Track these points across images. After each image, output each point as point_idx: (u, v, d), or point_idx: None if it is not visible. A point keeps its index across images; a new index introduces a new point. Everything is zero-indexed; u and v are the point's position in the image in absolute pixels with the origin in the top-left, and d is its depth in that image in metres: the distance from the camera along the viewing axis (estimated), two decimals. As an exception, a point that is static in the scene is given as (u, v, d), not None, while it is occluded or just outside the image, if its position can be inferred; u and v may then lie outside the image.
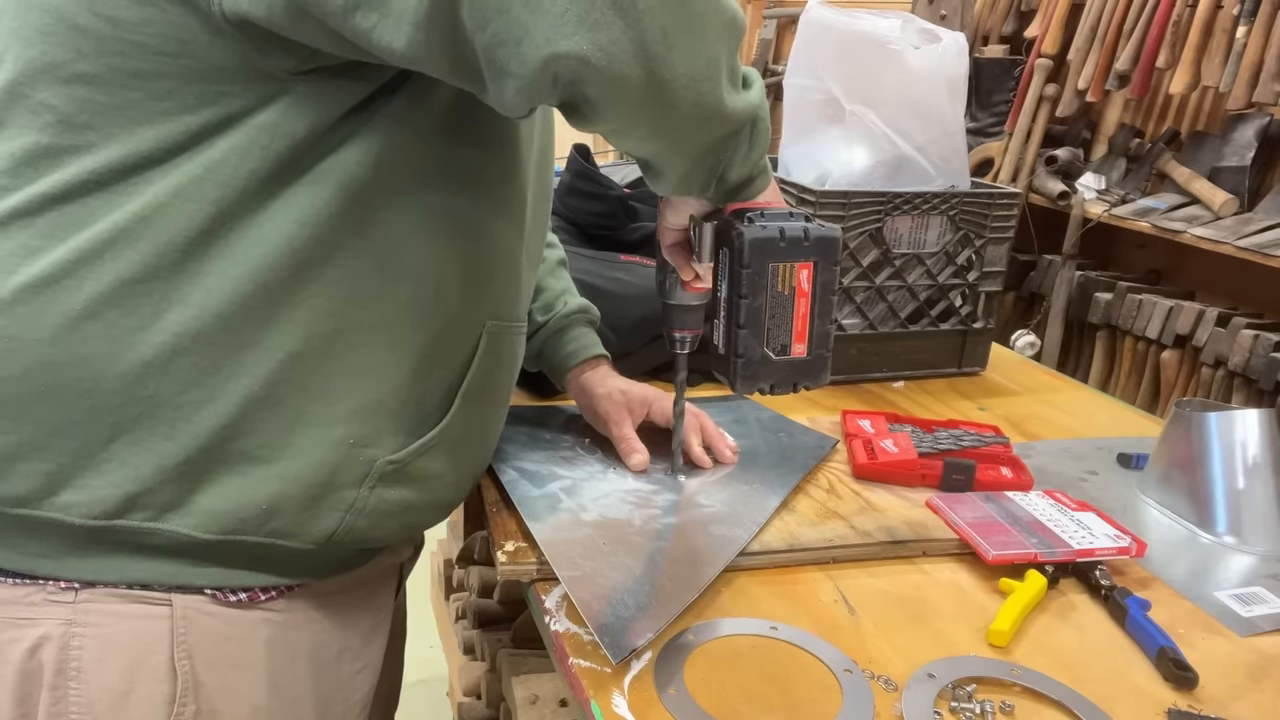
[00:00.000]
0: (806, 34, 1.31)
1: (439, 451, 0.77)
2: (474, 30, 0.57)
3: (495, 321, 0.80)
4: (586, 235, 1.32)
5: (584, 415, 1.05)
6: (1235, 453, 0.99)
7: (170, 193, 0.63)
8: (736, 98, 0.67)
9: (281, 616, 0.75)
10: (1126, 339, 2.35)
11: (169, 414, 0.66)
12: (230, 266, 0.65)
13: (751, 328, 0.75)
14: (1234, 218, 2.10)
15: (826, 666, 0.72)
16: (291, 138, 0.64)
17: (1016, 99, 2.62)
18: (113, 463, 0.66)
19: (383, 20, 0.57)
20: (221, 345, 0.66)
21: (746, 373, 0.76)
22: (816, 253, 0.74)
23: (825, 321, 0.76)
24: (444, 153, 0.71)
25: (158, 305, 0.64)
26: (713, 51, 0.62)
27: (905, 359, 1.37)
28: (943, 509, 0.94)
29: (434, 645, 2.15)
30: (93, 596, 0.68)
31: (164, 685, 0.69)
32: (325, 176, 0.66)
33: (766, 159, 0.76)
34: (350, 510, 0.72)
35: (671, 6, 0.58)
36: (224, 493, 0.68)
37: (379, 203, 0.68)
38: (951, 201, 1.30)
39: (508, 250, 0.80)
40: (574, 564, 0.80)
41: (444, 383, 0.77)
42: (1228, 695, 0.73)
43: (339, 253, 0.68)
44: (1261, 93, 1.97)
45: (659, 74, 0.59)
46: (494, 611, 1.77)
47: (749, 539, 0.86)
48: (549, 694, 1.42)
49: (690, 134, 0.67)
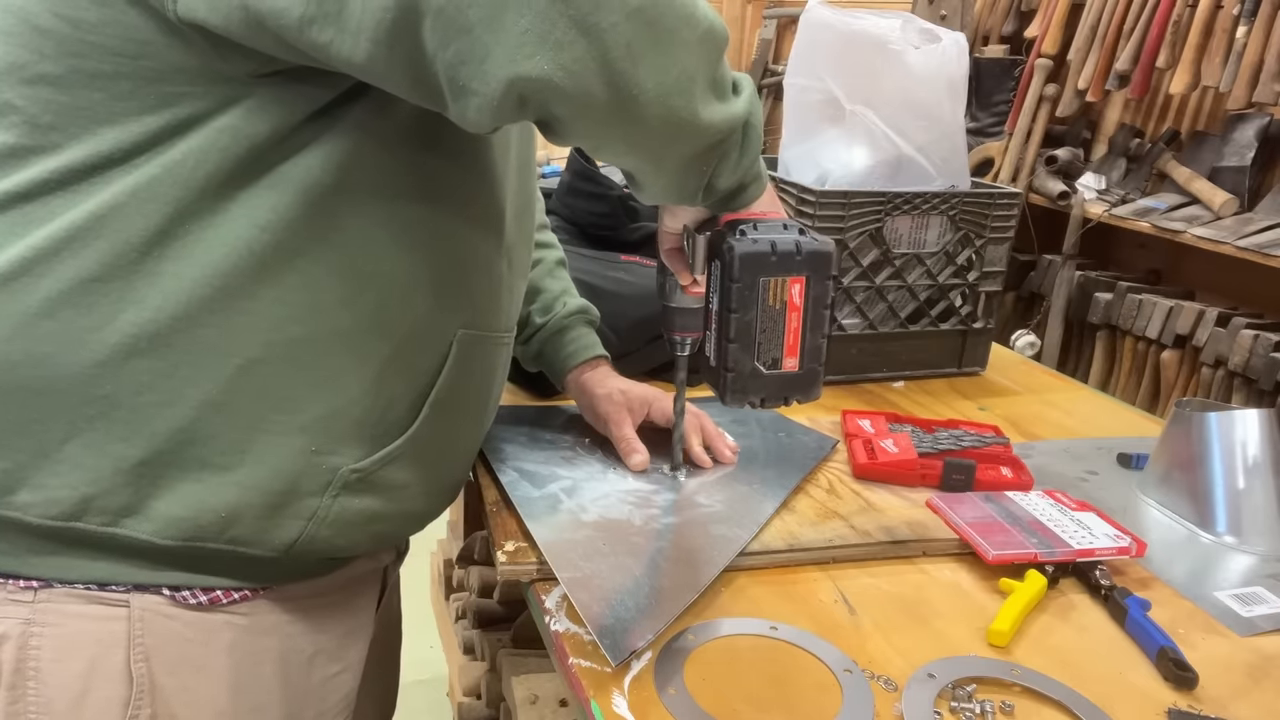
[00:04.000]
0: (806, 34, 1.31)
1: (406, 461, 0.76)
2: (436, 49, 0.56)
3: (469, 331, 0.78)
4: (586, 235, 1.32)
5: (584, 415, 1.05)
6: (1235, 453, 0.99)
7: (129, 192, 0.63)
8: (717, 109, 0.66)
9: (246, 620, 0.74)
10: (1126, 339, 2.35)
11: (125, 416, 0.65)
12: (188, 268, 0.64)
13: (741, 342, 0.74)
14: (1234, 218, 2.11)
15: (826, 666, 0.72)
16: (251, 140, 0.63)
17: (1016, 99, 2.63)
18: (68, 464, 0.65)
19: (339, 35, 0.57)
20: (179, 348, 0.65)
21: (736, 386, 0.75)
22: (809, 267, 0.73)
23: (817, 335, 0.75)
24: (410, 160, 0.70)
25: (114, 305, 0.64)
26: (685, 65, 0.61)
27: (905, 359, 1.37)
28: (943, 509, 0.94)
29: (434, 645, 2.15)
30: (51, 596, 0.68)
31: (120, 687, 0.69)
32: (286, 181, 0.65)
33: (760, 167, 0.75)
34: (312, 519, 0.71)
35: (637, 23, 0.57)
36: (182, 499, 0.67)
37: (342, 209, 0.67)
38: (951, 201, 1.30)
39: (484, 259, 0.79)
40: (574, 565, 0.80)
41: (411, 391, 0.75)
42: (1228, 695, 0.73)
43: (300, 258, 0.67)
44: (1261, 93, 1.97)
45: (625, 91, 0.59)
46: (494, 611, 1.77)
47: (749, 539, 0.86)
48: (549, 694, 1.42)
49: (665, 147, 0.66)
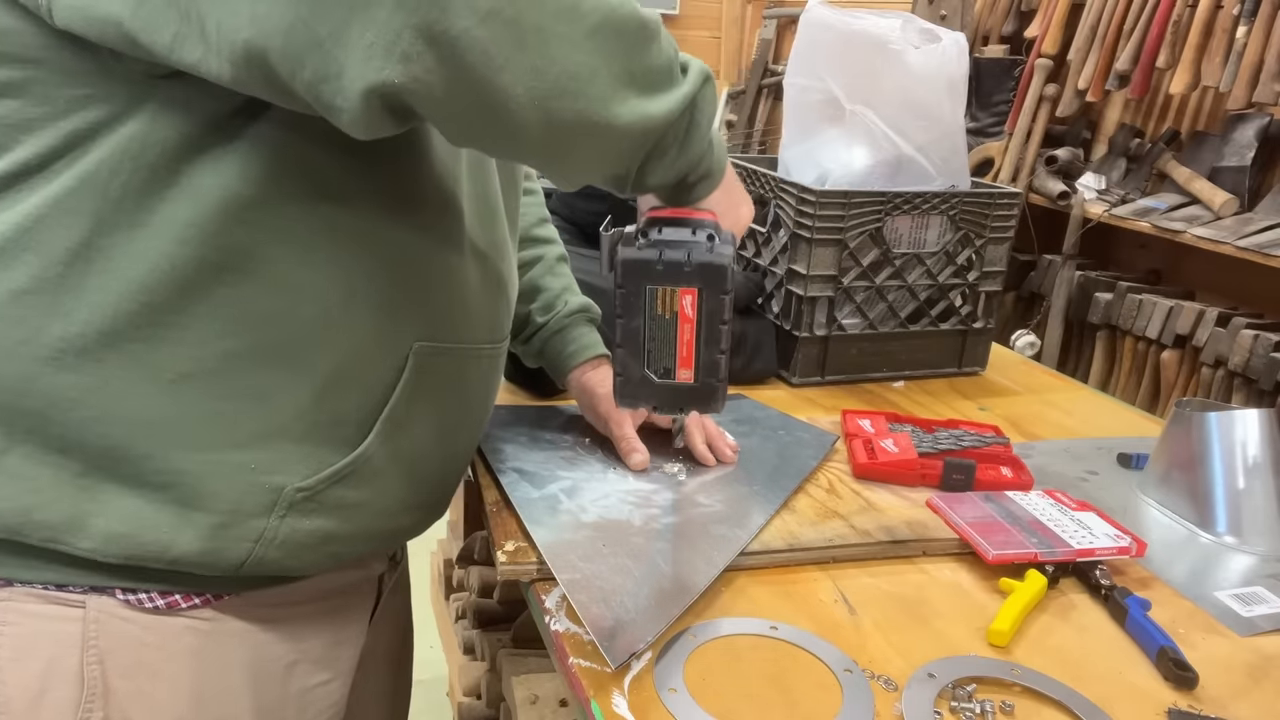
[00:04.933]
0: (806, 34, 1.31)
1: (358, 479, 0.73)
2: (291, 73, 0.55)
3: (427, 343, 0.75)
4: (586, 235, 1.32)
5: (585, 414, 1.05)
6: (1235, 453, 0.99)
7: (51, 203, 0.62)
8: (634, 105, 0.61)
9: (209, 625, 0.72)
10: (1126, 339, 2.35)
11: (58, 430, 0.64)
12: (111, 282, 0.63)
13: (628, 348, 0.72)
14: (1234, 218, 2.11)
15: (826, 666, 0.72)
16: (162, 147, 0.62)
17: (1016, 99, 2.63)
18: (7, 474, 0.65)
19: (207, 54, 0.56)
20: (107, 364, 0.64)
21: (625, 390, 0.74)
22: (700, 279, 0.70)
23: (714, 350, 0.72)
24: (338, 165, 0.67)
25: (42, 318, 0.63)
26: (570, 64, 0.57)
27: (905, 359, 1.37)
28: (943, 509, 0.94)
29: (434, 645, 2.15)
30: (11, 595, 0.68)
31: (73, 689, 0.68)
32: (202, 192, 0.63)
33: (712, 163, 0.70)
34: (259, 541, 0.70)
35: (495, 26, 0.54)
36: (119, 516, 0.66)
37: (266, 220, 0.65)
38: (951, 201, 1.30)
39: (440, 268, 0.76)
40: (574, 567, 0.80)
41: (362, 408, 0.73)
42: (1228, 695, 0.73)
43: (226, 272, 0.65)
44: (1261, 93, 1.97)
45: (492, 98, 0.56)
46: (494, 611, 1.77)
47: (749, 540, 0.86)
48: (549, 694, 1.42)
49: (556, 151, 0.62)
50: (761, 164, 1.40)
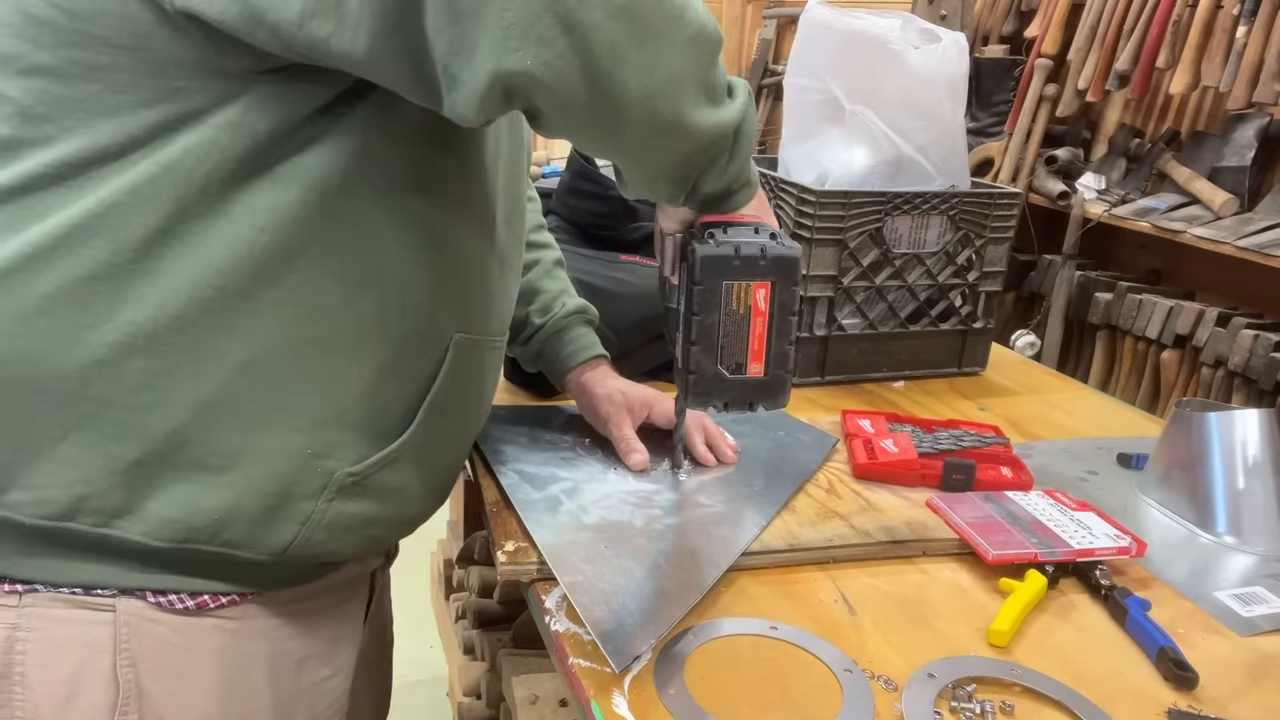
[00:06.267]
0: (806, 34, 1.31)
1: (402, 465, 0.76)
2: (435, 38, 0.56)
3: (464, 335, 0.78)
4: (586, 235, 1.32)
5: (584, 415, 1.05)
6: (1235, 453, 0.99)
7: (128, 190, 0.62)
8: (707, 113, 0.65)
9: (234, 624, 0.73)
10: (1126, 339, 2.35)
11: (119, 415, 0.65)
12: (187, 268, 0.63)
13: (703, 345, 0.73)
14: (1234, 218, 2.10)
15: (826, 666, 0.72)
16: (252, 138, 0.63)
17: (1016, 99, 2.62)
18: (61, 463, 0.65)
19: (339, 29, 0.57)
20: (176, 348, 0.64)
21: (698, 389, 0.75)
22: (774, 273, 0.72)
23: (784, 342, 0.74)
24: (415, 160, 0.69)
25: (111, 304, 0.63)
26: (674, 67, 0.61)
27: (905, 359, 1.37)
28: (943, 509, 0.94)
29: (434, 645, 2.15)
30: (36, 600, 0.68)
31: (106, 693, 0.68)
32: (288, 180, 0.64)
33: (751, 174, 0.75)
34: (307, 523, 0.71)
35: (623, 22, 0.57)
36: (175, 500, 0.67)
37: (345, 210, 0.67)
38: (951, 201, 1.30)
39: (477, 263, 0.79)
40: (575, 568, 0.80)
41: (408, 395, 0.75)
42: (1228, 695, 0.73)
43: (301, 259, 0.66)
44: (1261, 93, 1.97)
45: (607, 90, 0.59)
46: (494, 611, 1.77)
47: (750, 540, 0.86)
48: (549, 694, 1.42)
49: (648, 148, 0.66)
50: (762, 164, 1.40)
